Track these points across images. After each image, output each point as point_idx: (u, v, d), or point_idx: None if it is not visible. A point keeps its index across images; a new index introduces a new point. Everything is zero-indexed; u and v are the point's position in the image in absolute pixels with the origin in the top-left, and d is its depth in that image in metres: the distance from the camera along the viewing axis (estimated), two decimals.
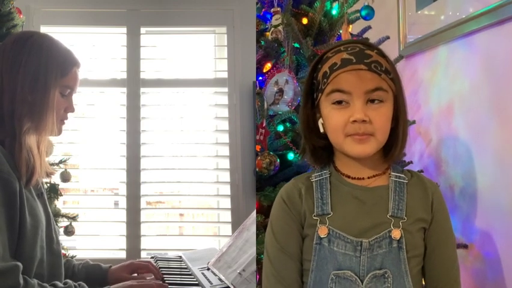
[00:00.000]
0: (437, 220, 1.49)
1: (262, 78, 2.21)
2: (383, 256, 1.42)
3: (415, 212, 1.47)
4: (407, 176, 1.52)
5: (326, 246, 1.45)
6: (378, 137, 1.42)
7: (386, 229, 1.43)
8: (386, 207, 1.46)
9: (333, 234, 1.44)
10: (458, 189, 2.38)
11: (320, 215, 1.48)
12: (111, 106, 3.55)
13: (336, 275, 1.42)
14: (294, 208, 1.52)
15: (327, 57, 1.47)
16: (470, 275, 2.28)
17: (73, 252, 2.86)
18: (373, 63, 1.41)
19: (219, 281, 2.04)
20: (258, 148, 2.09)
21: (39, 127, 1.73)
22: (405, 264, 1.42)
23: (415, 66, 2.75)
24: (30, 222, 1.67)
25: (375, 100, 1.41)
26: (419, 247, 1.47)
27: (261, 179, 2.09)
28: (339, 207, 1.48)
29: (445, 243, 1.51)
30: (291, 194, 1.54)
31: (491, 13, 2.13)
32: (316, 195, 1.50)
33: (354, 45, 1.46)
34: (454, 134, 2.42)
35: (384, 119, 1.42)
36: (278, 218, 1.54)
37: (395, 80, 1.44)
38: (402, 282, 1.42)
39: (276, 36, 2.23)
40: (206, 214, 3.75)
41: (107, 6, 3.51)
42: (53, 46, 1.81)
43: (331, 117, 1.44)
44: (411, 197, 1.48)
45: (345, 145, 1.43)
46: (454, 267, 1.51)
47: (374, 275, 1.41)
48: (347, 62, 1.41)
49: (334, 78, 1.41)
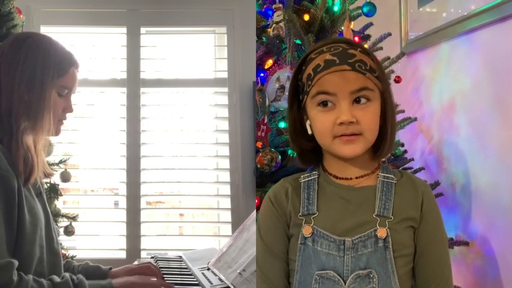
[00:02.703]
0: (427, 219, 1.47)
1: (264, 75, 2.21)
2: (368, 256, 1.40)
3: (403, 211, 1.45)
4: (397, 176, 1.50)
5: (310, 246, 1.44)
6: (367, 136, 1.41)
7: (372, 228, 1.41)
8: (372, 207, 1.44)
9: (317, 234, 1.43)
10: (459, 187, 2.38)
11: (305, 215, 1.47)
12: (111, 106, 3.54)
13: (319, 275, 1.41)
14: (280, 208, 1.51)
15: (311, 58, 1.45)
16: (471, 272, 2.28)
17: (73, 252, 2.85)
18: (357, 63, 1.39)
19: (219, 281, 2.03)
20: (260, 145, 2.08)
21: (36, 127, 1.73)
22: (392, 264, 1.40)
23: (417, 64, 2.75)
24: (29, 220, 1.66)
25: (361, 99, 1.39)
26: (407, 247, 1.45)
27: (262, 176, 2.08)
28: (324, 207, 1.47)
29: (436, 242, 1.48)
30: (277, 194, 1.53)
31: (493, 10, 2.14)
32: (303, 196, 1.50)
33: (337, 45, 1.44)
34: (456, 132, 2.42)
35: (371, 119, 1.41)
36: (264, 218, 1.54)
37: (380, 78, 1.43)
38: (389, 282, 1.40)
39: (277, 32, 2.23)
40: (206, 214, 3.74)
41: (107, 6, 3.51)
42: (51, 46, 1.81)
43: (317, 119, 1.43)
44: (399, 197, 1.46)
45: (334, 146, 1.42)
46: (446, 267, 1.49)
47: (358, 275, 1.39)
48: (330, 63, 1.40)
49: (318, 80, 1.40)
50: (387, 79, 1.47)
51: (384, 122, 1.44)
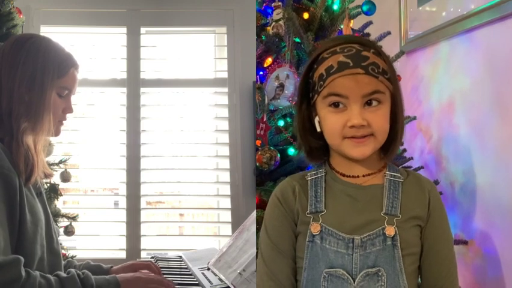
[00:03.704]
0: (434, 218, 1.47)
1: (263, 73, 2.21)
2: (376, 254, 1.40)
3: (410, 209, 1.45)
4: (403, 175, 1.51)
5: (318, 243, 1.44)
6: (378, 138, 1.41)
7: (380, 226, 1.42)
8: (380, 205, 1.45)
9: (326, 232, 1.43)
10: (458, 186, 2.38)
11: (313, 213, 1.47)
12: (111, 106, 3.55)
13: (328, 273, 1.41)
14: (288, 206, 1.51)
15: (323, 57, 1.45)
16: (470, 271, 2.28)
17: (73, 252, 2.85)
18: (370, 66, 1.39)
19: (219, 281, 2.03)
20: (259, 143, 2.08)
21: (36, 127, 1.74)
22: (400, 263, 1.40)
23: (416, 62, 2.75)
24: (30, 220, 1.67)
25: (372, 102, 1.40)
26: (414, 245, 1.45)
27: (262, 174, 2.08)
28: (332, 205, 1.47)
29: (442, 241, 1.49)
30: (284, 192, 1.53)
31: (493, 9, 2.13)
32: (310, 193, 1.50)
33: (350, 47, 1.43)
34: (455, 131, 2.42)
35: (382, 121, 1.41)
36: (271, 216, 1.54)
37: (392, 80, 1.43)
38: (397, 280, 1.40)
39: (277, 30, 2.23)
40: (206, 214, 3.75)
41: (107, 6, 3.52)
42: (51, 47, 1.82)
43: (328, 119, 1.43)
44: (406, 195, 1.47)
45: (343, 147, 1.42)
46: (452, 266, 1.50)
47: (367, 273, 1.39)
48: (344, 65, 1.39)
49: (331, 82, 1.40)
50: (397, 80, 1.46)
51: (394, 123, 1.45)
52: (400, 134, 1.46)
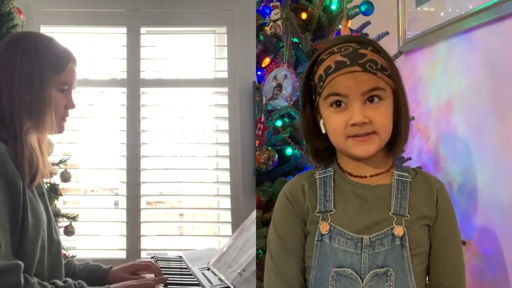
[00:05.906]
0: (442, 217, 1.48)
1: (261, 73, 2.21)
2: (385, 254, 1.41)
3: (418, 209, 1.45)
4: (411, 175, 1.51)
5: (327, 243, 1.44)
6: (381, 135, 1.41)
7: (388, 226, 1.42)
8: (388, 205, 1.45)
9: (335, 231, 1.44)
10: (456, 186, 2.38)
11: (322, 212, 1.47)
12: (111, 106, 3.55)
13: (336, 272, 1.41)
14: (297, 204, 1.51)
15: (322, 59, 1.46)
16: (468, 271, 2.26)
17: (73, 252, 2.85)
18: (368, 63, 1.39)
19: (219, 281, 2.03)
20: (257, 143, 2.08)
21: (39, 125, 1.74)
22: (409, 263, 1.41)
23: (414, 63, 2.75)
24: (33, 222, 1.68)
25: (374, 99, 1.40)
26: (423, 245, 1.45)
27: (260, 174, 2.08)
28: (341, 204, 1.47)
29: (450, 240, 1.49)
30: (294, 191, 1.53)
31: (491, 9, 2.13)
32: (319, 192, 1.50)
33: (347, 46, 1.43)
34: (453, 131, 2.42)
35: (384, 118, 1.41)
36: (281, 215, 1.53)
37: (392, 76, 1.43)
38: (406, 280, 1.40)
39: (275, 30, 2.23)
40: (206, 214, 3.75)
41: (107, 6, 3.52)
42: (47, 44, 1.82)
43: (330, 120, 1.44)
44: (414, 195, 1.47)
45: (347, 146, 1.43)
46: (459, 265, 1.50)
47: (375, 273, 1.40)
48: (341, 64, 1.40)
49: (329, 82, 1.40)
50: (399, 76, 1.46)
51: (398, 120, 1.45)
52: (405, 130, 1.46)
